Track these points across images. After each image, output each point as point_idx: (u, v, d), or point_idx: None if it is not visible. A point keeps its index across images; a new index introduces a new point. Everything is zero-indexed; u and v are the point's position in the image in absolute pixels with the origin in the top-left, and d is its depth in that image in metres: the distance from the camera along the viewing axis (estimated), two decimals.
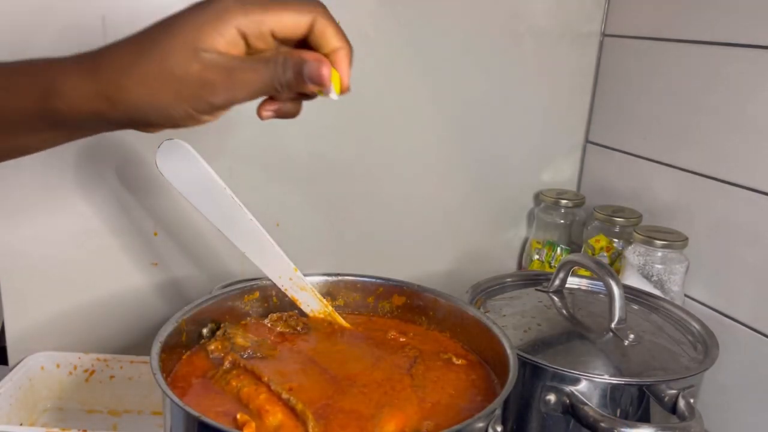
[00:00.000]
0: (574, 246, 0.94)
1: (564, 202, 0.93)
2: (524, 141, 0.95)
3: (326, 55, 0.43)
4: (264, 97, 0.45)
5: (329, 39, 0.43)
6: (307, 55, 0.42)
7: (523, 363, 0.57)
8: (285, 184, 0.83)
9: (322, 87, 0.42)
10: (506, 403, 0.47)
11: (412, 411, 0.48)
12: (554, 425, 0.59)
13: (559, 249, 0.92)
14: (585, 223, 0.92)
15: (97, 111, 0.41)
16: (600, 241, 0.86)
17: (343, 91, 0.44)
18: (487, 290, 0.72)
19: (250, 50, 0.42)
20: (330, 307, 0.61)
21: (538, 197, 0.97)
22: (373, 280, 0.63)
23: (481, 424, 0.44)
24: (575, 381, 0.57)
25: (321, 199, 0.86)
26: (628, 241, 0.83)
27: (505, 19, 0.88)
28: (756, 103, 0.73)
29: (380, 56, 0.82)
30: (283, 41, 0.43)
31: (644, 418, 0.58)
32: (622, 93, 0.92)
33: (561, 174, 0.99)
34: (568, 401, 0.57)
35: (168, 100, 0.40)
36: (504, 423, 0.47)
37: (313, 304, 0.60)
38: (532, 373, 0.58)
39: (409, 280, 0.63)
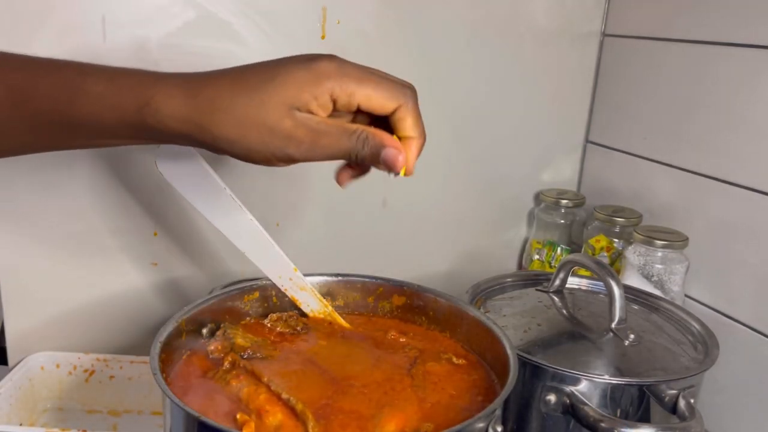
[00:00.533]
0: (574, 246, 0.94)
1: (564, 202, 0.93)
2: (524, 141, 0.95)
3: (399, 138, 0.46)
4: (343, 163, 0.49)
5: (407, 128, 0.46)
6: (387, 140, 0.45)
7: (523, 363, 0.57)
8: (285, 184, 0.83)
9: (393, 172, 0.46)
10: (506, 403, 0.47)
11: (412, 411, 0.48)
12: (554, 425, 0.58)
13: (559, 249, 0.92)
14: (585, 223, 0.92)
15: (185, 133, 0.44)
16: (600, 241, 0.86)
17: (407, 174, 0.47)
18: (487, 290, 0.72)
19: (335, 111, 0.45)
20: (330, 307, 0.61)
21: (538, 197, 0.97)
22: (373, 280, 0.63)
23: (481, 425, 0.44)
24: (575, 381, 0.57)
25: (321, 199, 0.86)
26: (629, 241, 0.83)
27: (505, 19, 0.88)
28: (756, 103, 0.73)
29: (380, 56, 0.81)
30: (365, 112, 0.46)
31: (644, 419, 0.58)
32: (622, 93, 0.92)
33: (561, 174, 0.99)
34: (568, 401, 0.57)
35: (254, 142, 0.43)
36: (504, 423, 0.47)
37: (313, 304, 0.60)
38: (532, 374, 0.58)
39: (409, 280, 0.63)
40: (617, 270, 0.81)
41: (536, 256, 0.94)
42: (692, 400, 0.57)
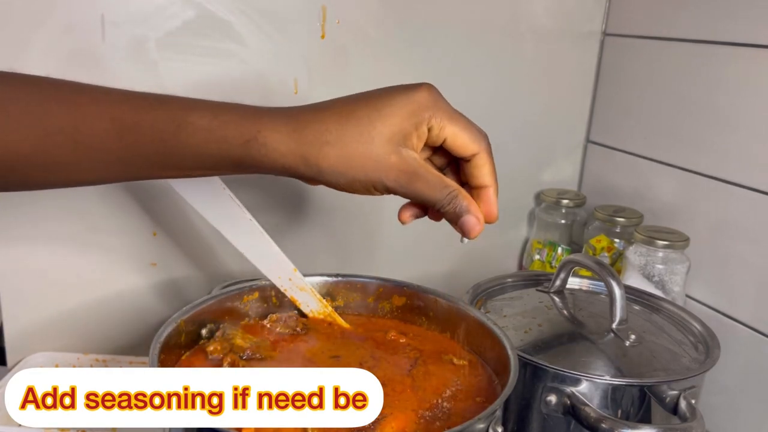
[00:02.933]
0: (575, 246, 0.94)
1: (565, 202, 0.93)
2: (525, 141, 0.94)
3: (475, 187, 0.48)
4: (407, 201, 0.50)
5: (483, 175, 0.48)
6: (473, 207, 0.47)
7: (523, 364, 0.57)
8: (285, 184, 0.83)
9: (466, 237, 0.47)
10: (507, 404, 0.47)
11: (413, 412, 0.48)
12: (555, 426, 0.58)
13: (559, 249, 0.92)
14: (586, 223, 0.92)
15: (289, 166, 0.45)
16: (601, 241, 0.86)
17: (490, 222, 0.48)
18: (488, 291, 0.72)
19: (426, 141, 0.47)
20: (329, 308, 0.61)
21: (538, 197, 0.96)
22: (373, 280, 0.63)
23: (481, 425, 0.44)
24: (576, 382, 0.57)
25: (321, 199, 0.86)
26: (629, 242, 0.83)
27: (505, 19, 0.88)
28: (757, 103, 0.73)
29: (380, 56, 0.81)
30: (445, 150, 0.48)
31: (645, 419, 0.58)
32: (623, 92, 0.92)
33: (562, 174, 0.98)
34: (568, 402, 0.57)
35: (359, 174, 0.45)
36: (505, 424, 0.47)
37: (312, 304, 0.60)
38: (533, 374, 0.58)
39: (409, 280, 0.63)
40: (618, 270, 0.81)
41: (537, 256, 0.94)
42: (693, 401, 0.57)
